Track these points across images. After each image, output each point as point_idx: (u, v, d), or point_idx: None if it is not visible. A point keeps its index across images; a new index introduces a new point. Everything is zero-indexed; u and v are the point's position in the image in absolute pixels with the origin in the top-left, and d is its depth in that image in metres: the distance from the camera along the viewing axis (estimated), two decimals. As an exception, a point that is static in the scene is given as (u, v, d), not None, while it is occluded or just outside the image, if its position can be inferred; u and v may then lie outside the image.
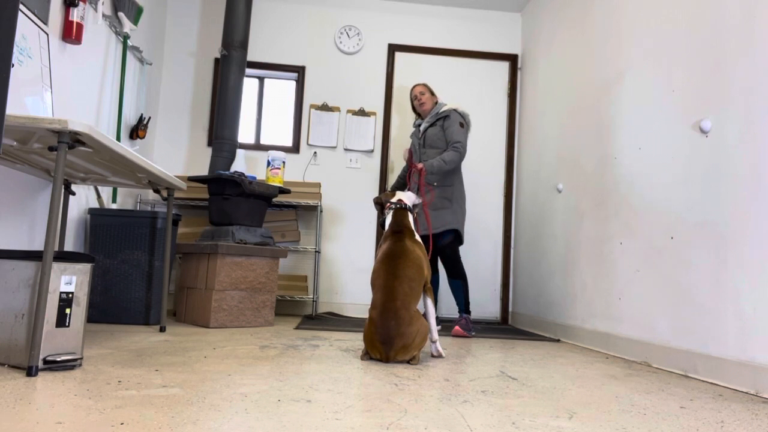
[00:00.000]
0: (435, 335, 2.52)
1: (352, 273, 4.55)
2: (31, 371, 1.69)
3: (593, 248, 3.27)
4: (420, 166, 3.42)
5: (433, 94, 3.79)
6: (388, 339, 2.25)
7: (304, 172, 4.59)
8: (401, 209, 2.62)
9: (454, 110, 3.63)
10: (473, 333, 3.50)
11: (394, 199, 2.68)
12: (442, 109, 3.68)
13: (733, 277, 2.18)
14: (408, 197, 2.71)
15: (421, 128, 3.76)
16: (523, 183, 4.58)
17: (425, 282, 2.46)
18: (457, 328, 3.42)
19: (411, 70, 4.78)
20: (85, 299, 1.90)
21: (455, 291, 3.53)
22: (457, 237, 3.55)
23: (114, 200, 3.62)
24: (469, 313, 3.51)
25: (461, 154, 3.52)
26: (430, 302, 2.53)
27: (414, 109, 3.84)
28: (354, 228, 4.59)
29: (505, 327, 4.30)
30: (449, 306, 4.60)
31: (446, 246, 3.51)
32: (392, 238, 2.51)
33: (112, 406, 1.39)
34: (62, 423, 1.23)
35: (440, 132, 3.62)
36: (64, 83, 2.96)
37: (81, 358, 1.86)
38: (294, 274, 4.42)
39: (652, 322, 2.65)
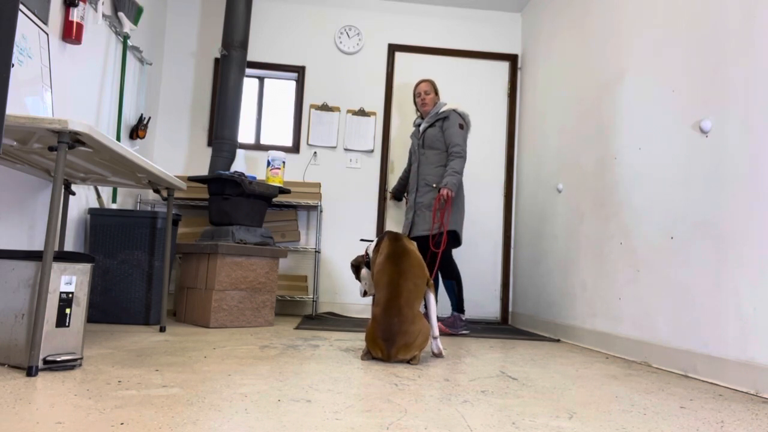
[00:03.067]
0: (436, 331, 2.52)
1: (352, 273, 4.55)
2: (31, 371, 1.69)
3: (593, 248, 3.27)
4: (445, 192, 3.42)
5: (436, 93, 3.76)
6: (390, 336, 2.25)
7: (304, 172, 4.58)
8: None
9: (454, 111, 3.61)
10: (464, 331, 3.51)
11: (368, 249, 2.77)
12: (442, 110, 3.66)
13: (733, 277, 2.18)
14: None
15: (421, 128, 3.73)
16: (523, 183, 4.58)
17: (427, 280, 2.48)
18: (440, 325, 3.46)
19: (411, 70, 4.77)
20: (85, 299, 1.90)
21: (449, 291, 3.55)
22: (454, 238, 3.54)
23: (114, 200, 3.62)
24: (462, 311, 3.52)
25: (464, 158, 3.52)
26: (432, 298, 2.54)
27: (415, 105, 3.82)
28: (354, 228, 4.59)
29: (505, 327, 4.30)
30: (448, 306, 4.60)
31: (443, 247, 3.49)
32: (391, 243, 2.55)
33: (112, 406, 1.39)
34: (62, 423, 1.23)
35: (439, 133, 3.60)
36: (64, 83, 2.96)
37: (81, 358, 1.86)
38: (294, 274, 4.42)
39: (652, 322, 2.65)
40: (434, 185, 3.55)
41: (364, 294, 2.80)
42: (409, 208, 3.72)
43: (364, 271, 2.76)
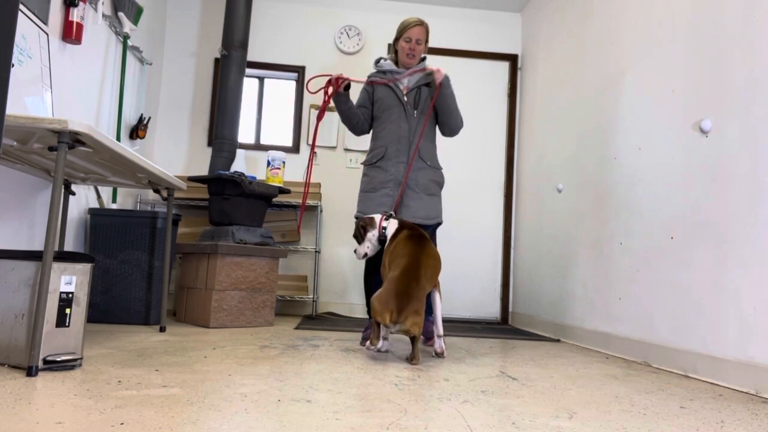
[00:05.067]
0: (441, 330, 2.52)
1: (352, 273, 4.55)
2: (31, 371, 1.69)
3: (593, 248, 3.27)
4: (441, 74, 2.77)
5: (426, 43, 2.99)
6: (405, 298, 2.20)
7: (304, 172, 4.58)
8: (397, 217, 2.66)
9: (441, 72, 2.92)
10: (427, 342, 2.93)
11: (378, 219, 2.64)
12: (431, 69, 2.88)
13: (733, 277, 2.18)
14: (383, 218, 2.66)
15: (409, 83, 2.94)
16: (523, 183, 4.58)
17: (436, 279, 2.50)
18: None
19: (411, 70, 4.77)
20: (85, 299, 1.90)
21: None
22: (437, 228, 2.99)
23: (114, 200, 3.62)
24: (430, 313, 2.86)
25: (459, 127, 2.98)
26: (438, 298, 2.54)
27: (395, 47, 3.01)
28: (354, 228, 4.58)
29: (505, 327, 4.30)
30: (450, 305, 4.60)
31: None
32: (409, 230, 2.52)
33: (112, 406, 1.39)
34: (62, 423, 1.23)
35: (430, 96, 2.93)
36: (64, 83, 2.96)
37: (81, 358, 1.86)
38: (294, 274, 4.42)
39: (652, 322, 2.65)
40: (429, 163, 2.91)
41: (364, 256, 2.63)
42: (394, 183, 2.84)
43: (370, 234, 2.63)
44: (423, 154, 2.89)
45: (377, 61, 3.04)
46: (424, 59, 3.04)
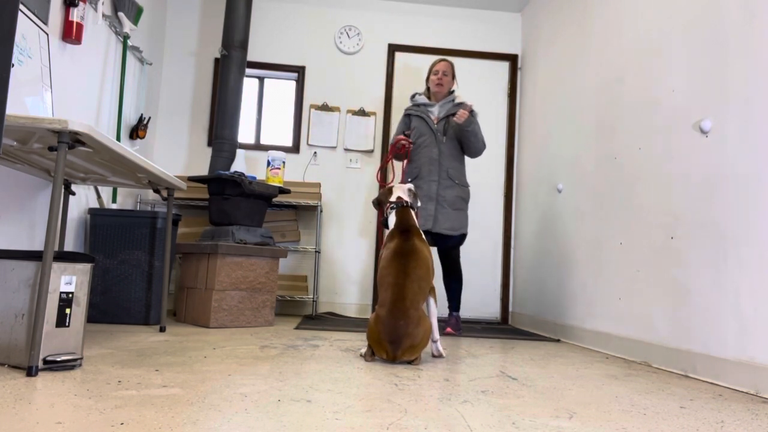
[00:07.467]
0: (436, 335, 2.52)
1: (352, 273, 4.55)
2: (31, 371, 1.69)
3: (593, 248, 3.27)
4: (462, 115, 3.26)
5: (454, 77, 3.57)
6: (396, 338, 2.22)
7: (304, 172, 4.58)
8: (404, 208, 2.60)
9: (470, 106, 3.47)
10: (461, 331, 3.60)
11: (393, 197, 2.66)
12: (459, 99, 3.54)
13: (733, 277, 2.18)
14: (404, 192, 2.69)
15: (437, 113, 3.52)
16: (523, 183, 4.58)
17: (430, 285, 2.47)
18: (448, 329, 3.48)
19: (411, 70, 4.78)
20: (85, 299, 1.90)
21: (453, 291, 3.50)
22: (463, 239, 3.53)
23: (114, 200, 3.62)
24: (458, 310, 3.55)
25: (481, 151, 3.48)
26: (433, 302, 2.53)
27: (427, 85, 3.62)
28: (354, 228, 4.59)
29: (505, 327, 4.30)
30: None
31: (455, 248, 3.47)
32: (400, 237, 2.48)
33: (112, 406, 1.39)
34: (62, 423, 1.23)
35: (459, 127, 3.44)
36: (64, 83, 2.96)
37: (81, 358, 1.86)
38: (294, 274, 4.42)
39: (652, 322, 2.65)
40: (456, 181, 3.44)
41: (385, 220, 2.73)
42: (428, 199, 3.41)
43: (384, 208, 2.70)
44: (451, 174, 3.43)
45: (412, 96, 3.65)
46: (452, 92, 3.59)
